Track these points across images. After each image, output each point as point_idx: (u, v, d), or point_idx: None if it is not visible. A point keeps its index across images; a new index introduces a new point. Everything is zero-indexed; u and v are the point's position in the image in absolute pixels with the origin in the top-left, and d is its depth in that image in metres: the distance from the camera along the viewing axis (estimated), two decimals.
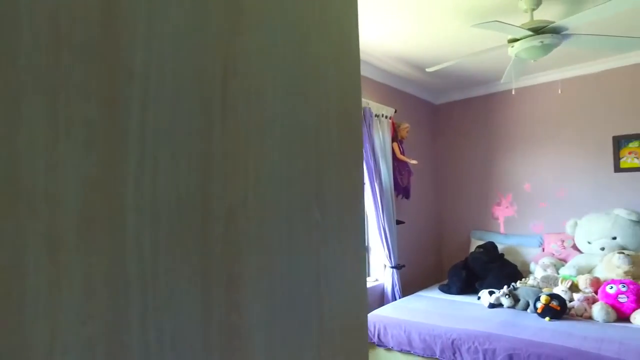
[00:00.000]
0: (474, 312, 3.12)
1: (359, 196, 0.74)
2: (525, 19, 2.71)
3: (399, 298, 3.78)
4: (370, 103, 3.73)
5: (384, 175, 3.80)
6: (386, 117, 3.91)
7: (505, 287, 3.33)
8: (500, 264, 3.81)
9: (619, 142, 3.94)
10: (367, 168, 3.61)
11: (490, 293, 3.34)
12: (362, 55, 3.73)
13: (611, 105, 4.00)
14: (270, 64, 0.48)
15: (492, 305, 3.25)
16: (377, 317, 3.13)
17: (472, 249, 4.31)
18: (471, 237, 4.74)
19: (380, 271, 4.00)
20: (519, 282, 3.51)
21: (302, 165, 0.55)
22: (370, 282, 3.94)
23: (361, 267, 0.74)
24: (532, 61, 3.76)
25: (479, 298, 3.46)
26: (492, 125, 4.74)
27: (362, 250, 0.74)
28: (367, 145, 3.61)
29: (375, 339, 3.04)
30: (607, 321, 2.83)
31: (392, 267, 3.85)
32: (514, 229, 4.56)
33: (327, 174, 0.63)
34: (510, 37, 2.64)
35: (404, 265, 4.04)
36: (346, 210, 0.71)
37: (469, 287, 3.74)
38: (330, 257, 0.67)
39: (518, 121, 4.56)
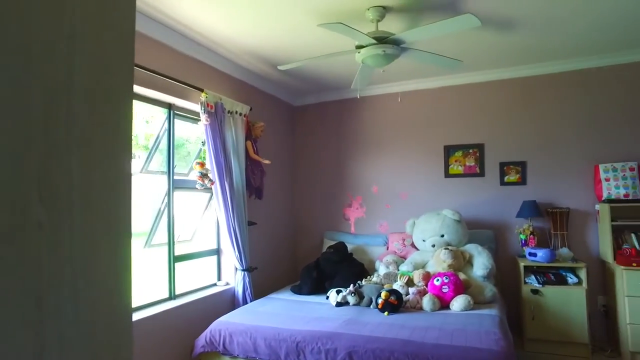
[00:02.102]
0: (322, 312, 3.16)
1: (120, 192, 0.57)
2: (371, 28, 2.84)
3: (251, 301, 3.66)
4: (223, 98, 3.53)
5: (236, 174, 3.64)
6: (240, 114, 3.76)
7: (352, 285, 3.46)
8: (349, 264, 3.97)
9: (449, 151, 4.46)
10: (217, 166, 3.40)
11: (338, 292, 3.43)
12: (216, 48, 3.52)
13: (443, 118, 4.52)
14: None
15: (339, 304, 3.34)
16: (223, 324, 2.95)
17: (325, 249, 4.42)
18: (324, 237, 4.87)
19: (231, 274, 3.82)
20: (364, 280, 3.69)
21: (13, 151, 0.40)
22: (220, 286, 3.74)
23: (124, 279, 0.56)
24: (382, 71, 4.00)
25: (327, 297, 3.53)
26: (344, 129, 4.97)
27: (125, 259, 0.57)
28: (217, 142, 3.40)
29: (221, 348, 2.86)
30: (433, 310, 3.13)
31: (243, 270, 3.71)
32: (363, 229, 4.82)
33: (63, 164, 0.46)
34: (357, 43, 2.73)
35: (256, 268, 3.93)
36: (98, 209, 0.53)
37: (319, 286, 3.80)
38: (66, 269, 0.49)
39: (367, 127, 4.85)
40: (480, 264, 3.55)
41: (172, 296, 3.23)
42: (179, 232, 3.45)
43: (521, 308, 3.72)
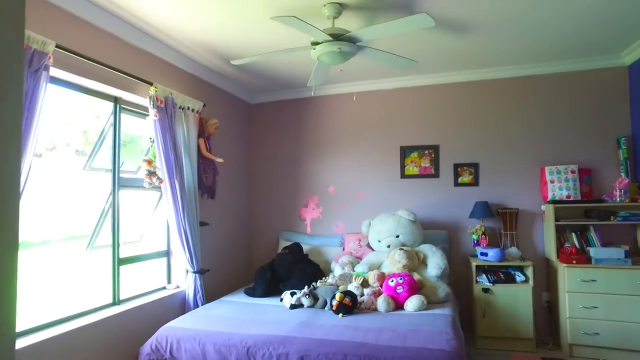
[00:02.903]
0: (275, 315, 3.08)
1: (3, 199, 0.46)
2: (327, 25, 2.80)
3: (202, 305, 3.52)
4: (174, 93, 3.37)
5: (187, 173, 3.49)
6: (193, 110, 3.61)
7: (306, 287, 3.40)
8: (304, 265, 3.91)
9: (405, 152, 4.51)
10: (167, 164, 3.24)
11: (292, 294, 3.37)
12: (167, 40, 3.35)
13: (399, 119, 4.56)
14: None
15: (293, 306, 3.27)
16: (170, 329, 2.81)
17: (280, 250, 4.33)
18: (279, 238, 4.79)
19: (182, 277, 3.66)
20: (319, 281, 3.64)
21: None
22: (170, 290, 3.57)
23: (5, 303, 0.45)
24: (339, 70, 4.00)
25: (281, 299, 3.45)
26: (301, 129, 4.91)
27: (7, 280, 0.46)
28: (167, 139, 3.24)
29: (167, 355, 2.71)
30: (388, 311, 3.12)
31: (194, 272, 3.56)
32: (319, 229, 4.78)
33: None
34: (313, 39, 2.68)
35: (208, 270, 3.78)
36: None
37: (274, 288, 3.72)
38: None
39: (323, 127, 4.82)
40: (435, 264, 3.59)
41: (116, 301, 3.04)
42: (125, 233, 3.25)
43: (473, 307, 3.81)
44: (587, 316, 3.46)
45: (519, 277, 3.70)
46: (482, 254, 3.80)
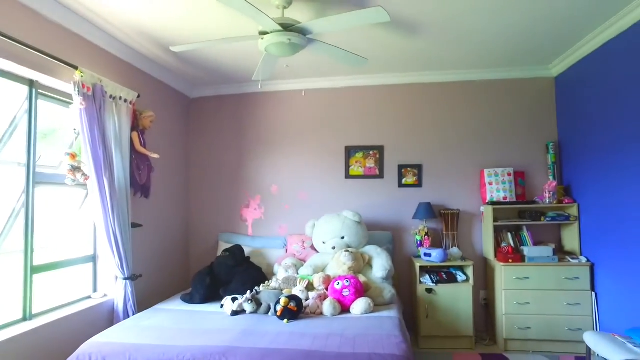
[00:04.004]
0: (215, 323, 2.86)
1: None
2: (277, 14, 2.65)
3: (133, 315, 3.20)
4: (104, 80, 3.03)
5: (118, 169, 3.16)
6: (126, 100, 3.28)
7: (249, 292, 3.22)
8: (246, 268, 3.71)
9: (350, 152, 4.47)
10: (94, 158, 2.90)
11: (234, 299, 3.17)
12: (98, 22, 3.01)
13: (345, 118, 4.51)
14: None
15: (235, 313, 3.08)
16: (95, 345, 2.49)
17: (220, 253, 4.09)
18: (219, 240, 4.54)
19: (111, 284, 3.32)
20: (262, 285, 3.47)
21: None
22: (96, 299, 3.21)
23: None
24: (285, 66, 3.86)
25: (222, 306, 3.24)
26: (245, 125, 4.70)
27: None
28: (95, 131, 2.90)
29: None
30: (334, 315, 3.03)
31: (125, 279, 3.23)
32: (261, 231, 4.60)
33: None
34: (261, 28, 2.52)
35: (140, 275, 3.47)
36: None
37: (214, 294, 3.48)
38: None
39: (268, 124, 4.65)
40: (380, 265, 3.57)
41: (27, 317, 2.65)
42: (43, 237, 2.86)
43: (416, 307, 3.84)
44: (521, 312, 3.63)
45: (460, 276, 3.79)
46: (425, 254, 3.85)
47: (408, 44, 3.52)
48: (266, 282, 3.59)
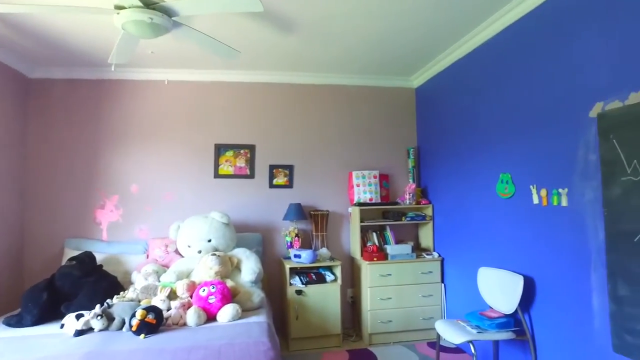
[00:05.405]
0: (52, 348, 2.41)
1: None
2: None
3: None
4: None
5: None
6: None
7: (98, 306, 2.80)
8: (97, 278, 3.24)
9: (219, 150, 4.24)
10: None
11: (79, 317, 2.72)
12: None
13: (216, 114, 4.27)
14: None
15: (79, 332, 2.63)
16: None
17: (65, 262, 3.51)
18: (66, 247, 3.91)
19: None
20: (116, 297, 3.06)
21: None
22: None
23: None
24: (150, 52, 3.48)
25: (62, 326, 2.75)
26: (101, 115, 4.14)
27: None
28: None
29: None
30: (199, 324, 2.81)
31: None
32: (118, 235, 4.09)
33: None
34: (117, 1, 2.18)
35: None
36: None
37: (52, 313, 2.94)
38: None
39: (129, 116, 4.16)
40: (249, 268, 3.44)
41: None
42: None
43: (286, 309, 3.80)
44: (383, 307, 3.85)
45: (329, 276, 3.86)
46: (295, 256, 3.84)
47: (282, 41, 3.46)
48: (121, 293, 3.18)
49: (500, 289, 2.93)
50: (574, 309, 2.41)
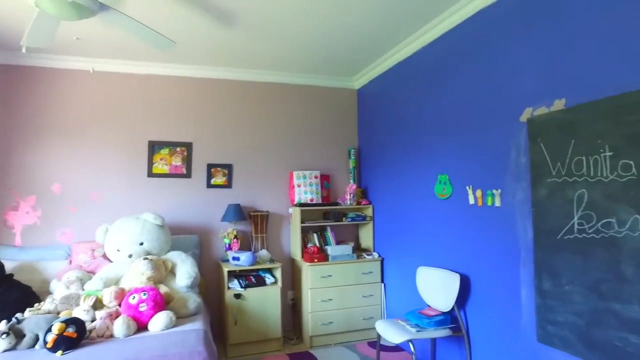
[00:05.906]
0: None
1: None
2: None
3: None
4: None
5: None
6: None
7: (4, 322, 2.48)
8: (5, 289, 2.89)
9: (154, 148, 3.99)
10: None
11: None
12: None
13: (150, 110, 4.01)
14: None
15: None
16: None
17: None
18: None
19: None
20: (28, 310, 2.73)
21: None
22: None
23: None
24: (76, 38, 3.17)
25: None
26: (14, 106, 3.72)
27: None
28: None
29: None
30: (128, 335, 2.59)
31: None
32: (35, 239, 3.70)
33: None
34: None
35: None
36: None
37: None
38: None
39: (50, 107, 3.78)
40: (184, 272, 3.24)
41: None
42: None
43: (225, 314, 3.65)
44: (324, 308, 3.82)
45: (269, 279, 3.76)
46: (234, 258, 3.70)
47: (222, 34, 3.32)
48: (36, 305, 2.86)
49: (438, 288, 3.01)
50: (504, 303, 2.52)
